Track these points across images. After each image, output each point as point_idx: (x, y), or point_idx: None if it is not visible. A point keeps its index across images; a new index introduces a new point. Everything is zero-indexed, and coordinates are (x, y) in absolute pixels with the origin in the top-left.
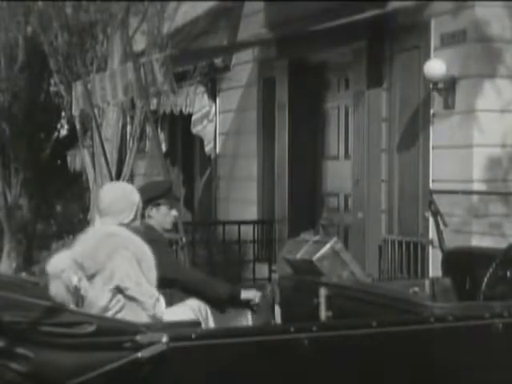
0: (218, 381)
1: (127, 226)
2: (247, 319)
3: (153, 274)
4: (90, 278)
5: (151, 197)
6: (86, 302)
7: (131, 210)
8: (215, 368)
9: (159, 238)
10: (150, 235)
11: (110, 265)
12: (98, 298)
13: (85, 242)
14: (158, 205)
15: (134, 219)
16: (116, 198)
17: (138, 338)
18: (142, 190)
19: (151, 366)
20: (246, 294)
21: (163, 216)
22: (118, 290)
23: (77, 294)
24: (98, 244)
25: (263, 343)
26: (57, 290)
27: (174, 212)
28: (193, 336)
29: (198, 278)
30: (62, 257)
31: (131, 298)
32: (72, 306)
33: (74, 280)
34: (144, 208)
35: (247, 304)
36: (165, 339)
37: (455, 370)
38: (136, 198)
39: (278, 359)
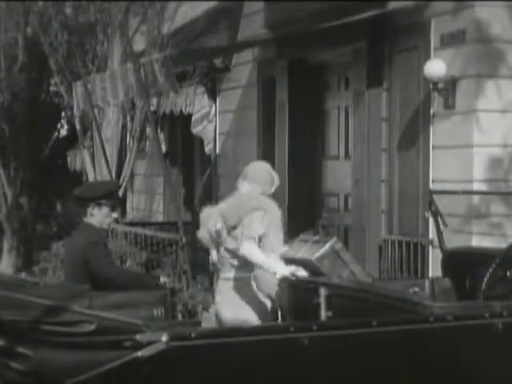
0: (217, 380)
1: None
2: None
3: (280, 233)
4: (231, 229)
5: (95, 196)
6: (228, 251)
7: (272, 185)
8: (215, 367)
9: (97, 240)
10: (91, 236)
11: (246, 219)
12: (238, 247)
13: (229, 203)
14: (101, 205)
15: (269, 193)
16: (265, 171)
17: (138, 337)
18: (88, 188)
19: (151, 365)
20: (162, 279)
21: (104, 216)
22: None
23: (217, 239)
24: (240, 203)
25: (263, 342)
26: (202, 234)
27: (114, 214)
28: (193, 335)
29: (132, 275)
30: (212, 208)
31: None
32: (213, 250)
33: (218, 225)
34: (87, 206)
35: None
36: (165, 338)
37: (455, 370)
38: (276, 177)
39: (278, 359)
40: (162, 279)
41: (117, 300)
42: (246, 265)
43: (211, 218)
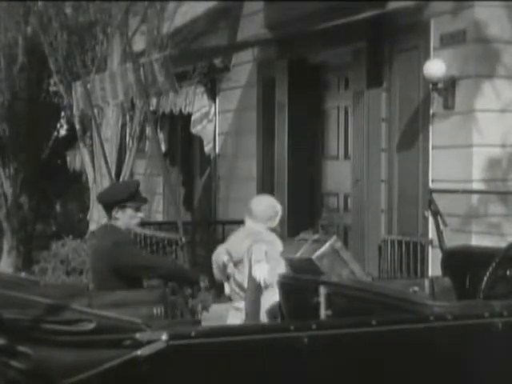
0: (217, 379)
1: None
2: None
3: (278, 265)
4: (237, 263)
5: (117, 199)
6: (235, 282)
7: (276, 217)
8: (215, 366)
9: (125, 240)
10: (115, 237)
11: (248, 254)
12: (244, 280)
13: (234, 237)
14: (124, 207)
15: (277, 224)
16: (266, 208)
17: (138, 335)
18: (109, 192)
19: (151, 364)
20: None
21: (128, 218)
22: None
23: (224, 272)
24: (243, 237)
25: (263, 341)
26: (215, 270)
27: (140, 214)
28: (192, 334)
29: (170, 265)
30: (221, 247)
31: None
32: (225, 283)
33: (224, 258)
34: (111, 209)
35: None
36: (164, 337)
37: (454, 369)
38: (279, 208)
39: (278, 358)
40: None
41: (116, 299)
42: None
43: (219, 255)
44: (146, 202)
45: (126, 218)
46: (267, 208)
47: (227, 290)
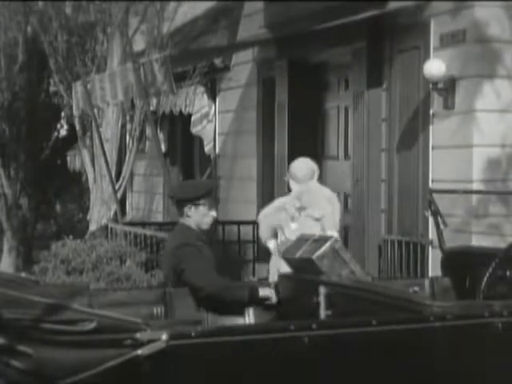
0: (217, 379)
1: None
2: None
3: (337, 214)
4: (301, 209)
5: (192, 196)
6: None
7: (314, 175)
8: (215, 366)
9: (193, 242)
10: (181, 239)
11: (316, 204)
12: (305, 224)
13: (302, 188)
14: (198, 205)
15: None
16: (307, 170)
17: (138, 335)
18: (184, 188)
19: (151, 364)
20: (263, 292)
21: (201, 216)
22: (317, 219)
23: (292, 216)
24: (310, 189)
25: (263, 341)
26: (274, 217)
27: (213, 213)
28: (192, 334)
29: (222, 286)
30: (284, 197)
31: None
32: (286, 230)
33: (297, 204)
34: (184, 206)
35: (263, 302)
36: (165, 337)
37: (454, 369)
38: (315, 166)
39: (278, 357)
40: (262, 292)
41: (116, 298)
42: None
43: (287, 204)
44: (218, 202)
45: (199, 216)
46: (308, 169)
47: (285, 237)
